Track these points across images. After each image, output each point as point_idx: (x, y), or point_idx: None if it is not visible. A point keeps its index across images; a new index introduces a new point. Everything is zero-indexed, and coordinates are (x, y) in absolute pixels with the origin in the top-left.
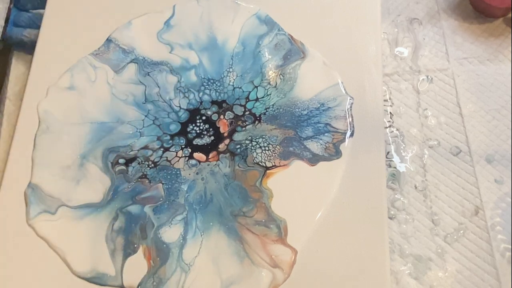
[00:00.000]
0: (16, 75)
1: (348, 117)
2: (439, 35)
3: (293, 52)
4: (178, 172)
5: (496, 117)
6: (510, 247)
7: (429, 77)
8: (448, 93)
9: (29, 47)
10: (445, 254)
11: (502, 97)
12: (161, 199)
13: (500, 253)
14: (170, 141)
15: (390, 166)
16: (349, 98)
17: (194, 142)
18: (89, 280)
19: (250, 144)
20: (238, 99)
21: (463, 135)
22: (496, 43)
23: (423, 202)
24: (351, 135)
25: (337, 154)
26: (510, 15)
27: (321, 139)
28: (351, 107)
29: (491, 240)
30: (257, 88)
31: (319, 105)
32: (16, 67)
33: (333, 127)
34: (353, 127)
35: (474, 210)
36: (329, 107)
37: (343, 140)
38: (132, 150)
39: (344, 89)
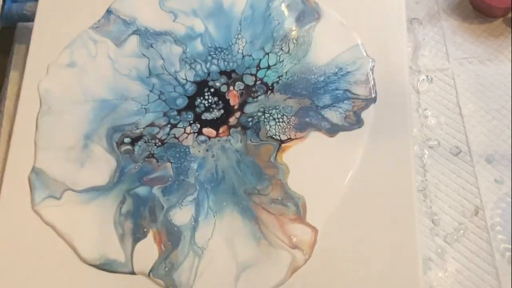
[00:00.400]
0: (16, 75)
1: (370, 82)
2: (439, 35)
3: (306, 13)
4: (187, 150)
5: (496, 117)
6: (510, 247)
7: (429, 77)
8: (448, 93)
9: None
10: (445, 254)
11: (502, 97)
12: (170, 179)
13: (500, 253)
14: (178, 117)
15: None
16: (370, 60)
17: (203, 117)
18: (99, 267)
19: (262, 116)
20: (248, 68)
21: (463, 135)
22: (496, 43)
23: (423, 202)
24: (374, 101)
25: (359, 123)
26: (510, 15)
27: (340, 107)
28: (372, 70)
29: (491, 240)
30: (268, 55)
31: (336, 70)
32: (16, 67)
33: (353, 93)
34: (375, 92)
35: (474, 210)
36: (348, 71)
37: (365, 107)
38: (137, 128)
39: (365, 51)
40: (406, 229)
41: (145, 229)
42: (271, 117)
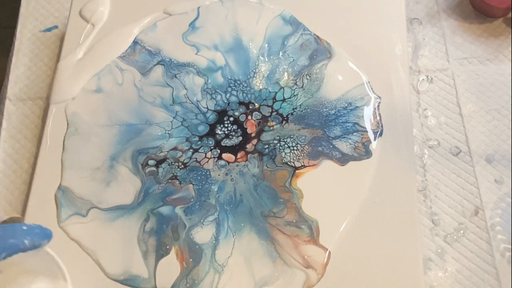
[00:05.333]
0: (16, 75)
1: (377, 116)
2: (439, 35)
3: (319, 52)
4: (207, 173)
5: (496, 117)
6: (510, 247)
7: (429, 77)
8: (448, 93)
9: None
10: (445, 254)
11: (502, 97)
12: (192, 199)
13: (500, 253)
14: (199, 142)
15: None
16: (376, 97)
17: (223, 143)
18: (122, 282)
19: (278, 144)
20: (265, 99)
21: (463, 135)
22: (496, 43)
23: (423, 202)
24: (380, 134)
25: (367, 153)
26: (510, 15)
27: (350, 139)
28: (378, 106)
29: (491, 240)
30: (283, 89)
31: (346, 105)
32: (16, 67)
33: (361, 127)
34: (381, 126)
35: (474, 210)
36: (357, 106)
37: (372, 139)
38: (161, 152)
39: (371, 89)
40: (410, 252)
41: (167, 246)
42: (286, 145)
